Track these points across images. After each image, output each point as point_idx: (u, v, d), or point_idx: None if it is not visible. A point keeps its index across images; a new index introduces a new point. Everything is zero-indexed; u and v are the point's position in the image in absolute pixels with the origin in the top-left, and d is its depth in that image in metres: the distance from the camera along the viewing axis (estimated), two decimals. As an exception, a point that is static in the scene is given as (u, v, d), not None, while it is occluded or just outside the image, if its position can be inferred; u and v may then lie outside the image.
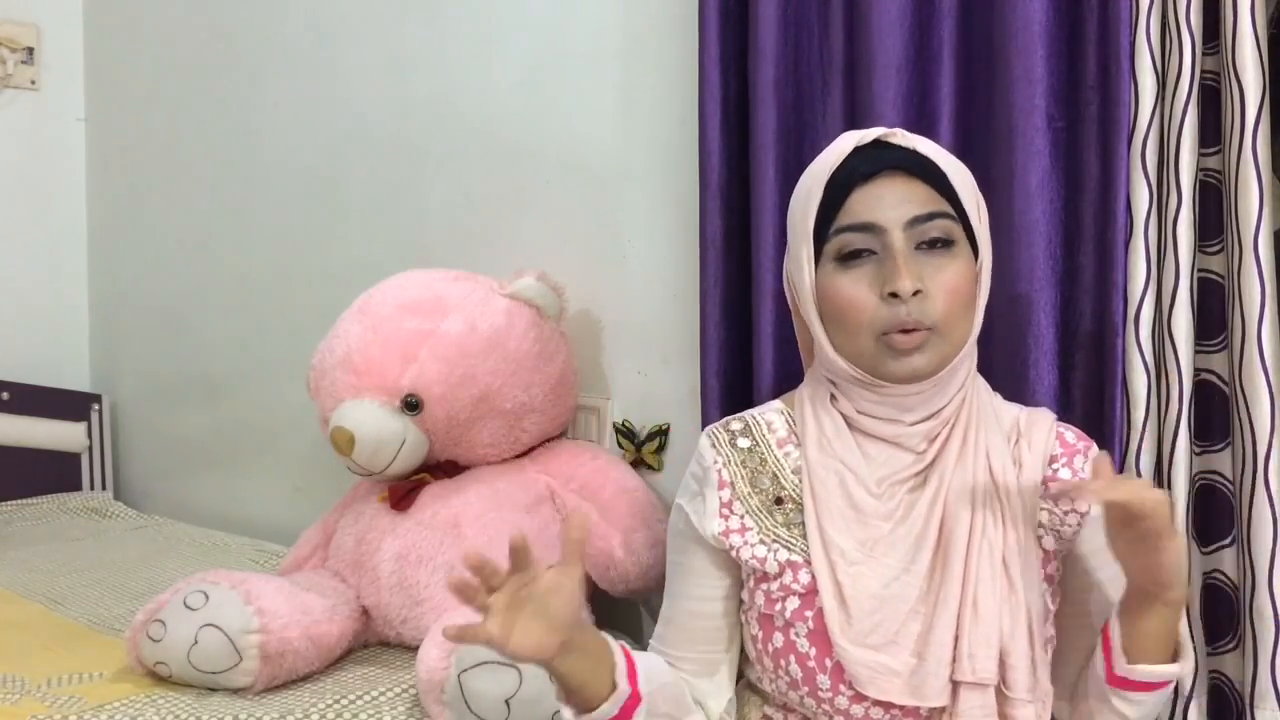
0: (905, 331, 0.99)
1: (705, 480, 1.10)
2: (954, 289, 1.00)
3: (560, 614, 0.93)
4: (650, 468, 1.74)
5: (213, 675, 1.41)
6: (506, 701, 1.28)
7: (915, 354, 1.00)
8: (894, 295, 0.98)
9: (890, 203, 1.00)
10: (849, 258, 1.01)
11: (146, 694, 1.42)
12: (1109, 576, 1.07)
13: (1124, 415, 1.24)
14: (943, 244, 1.01)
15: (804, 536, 1.05)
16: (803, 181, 1.07)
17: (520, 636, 0.91)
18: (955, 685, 0.99)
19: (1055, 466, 1.07)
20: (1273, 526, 1.15)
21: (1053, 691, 1.05)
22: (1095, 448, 1.10)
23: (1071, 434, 1.10)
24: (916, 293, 0.98)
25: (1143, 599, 0.98)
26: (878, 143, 1.04)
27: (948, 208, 1.02)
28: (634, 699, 0.99)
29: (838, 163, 1.03)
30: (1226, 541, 1.24)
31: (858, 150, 1.03)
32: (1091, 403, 1.27)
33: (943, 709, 0.99)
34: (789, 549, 1.05)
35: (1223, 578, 1.24)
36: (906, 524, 1.03)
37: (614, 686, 0.98)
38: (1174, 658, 1.00)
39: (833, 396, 1.08)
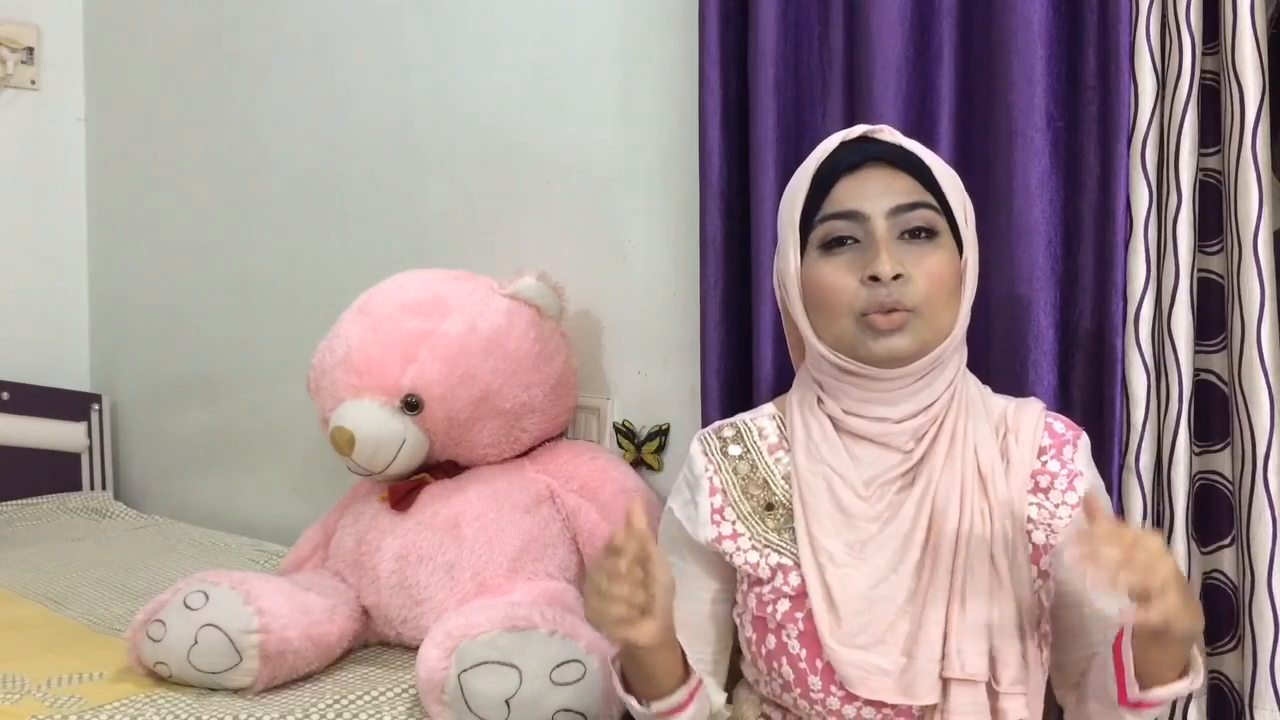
0: (885, 313, 1.00)
1: (697, 487, 1.11)
2: (936, 275, 1.01)
3: (666, 599, 0.96)
4: (650, 468, 1.74)
5: (213, 675, 1.41)
6: (506, 701, 1.28)
7: (895, 335, 1.00)
8: (874, 279, 1.00)
9: (874, 191, 1.02)
10: (833, 245, 1.03)
11: (146, 694, 1.42)
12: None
13: (1124, 415, 1.24)
14: (925, 234, 1.02)
15: (794, 540, 1.05)
16: (791, 180, 1.09)
17: (648, 631, 0.95)
18: (945, 682, 0.99)
19: (1044, 459, 1.07)
20: (1272, 526, 1.15)
21: (1047, 682, 1.05)
22: (1084, 436, 1.10)
23: (1060, 424, 1.10)
24: (897, 276, 0.99)
25: (1154, 636, 0.94)
26: (864, 138, 1.06)
27: (931, 199, 1.03)
28: (699, 685, 1.05)
29: (823, 157, 1.05)
30: (1226, 541, 1.24)
31: (844, 144, 1.05)
32: (1091, 403, 1.27)
33: (934, 706, 1.00)
34: (779, 553, 1.06)
35: (1222, 578, 1.24)
36: (894, 525, 1.03)
37: (686, 671, 1.04)
38: (1185, 671, 0.98)
39: (819, 399, 1.09)
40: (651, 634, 0.94)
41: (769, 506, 1.08)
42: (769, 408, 1.16)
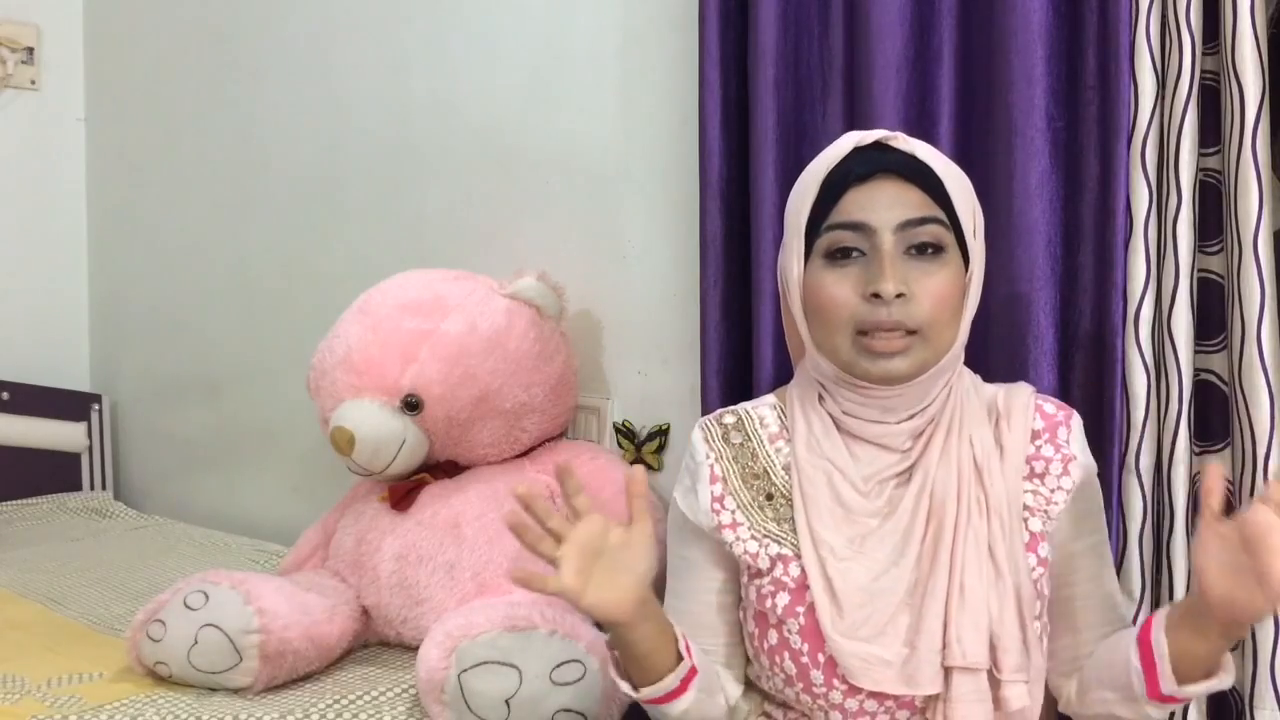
0: (886, 332, 0.99)
1: (698, 475, 1.11)
2: (941, 295, 1.01)
3: (635, 572, 0.96)
4: (650, 468, 1.74)
5: (213, 675, 1.41)
6: (506, 701, 1.28)
7: (896, 358, 1.00)
8: (876, 296, 0.99)
9: (883, 204, 1.01)
10: (837, 256, 1.03)
11: (146, 694, 1.42)
12: (1087, 546, 1.08)
13: (1124, 415, 1.24)
14: (932, 250, 1.02)
15: (794, 530, 1.06)
16: (802, 178, 1.08)
17: (596, 591, 0.94)
18: (948, 672, 0.99)
19: (1038, 443, 1.07)
20: (1272, 526, 1.15)
21: (1045, 669, 1.05)
22: (1076, 416, 1.10)
23: (1051, 405, 1.10)
24: (900, 295, 0.99)
25: (1204, 626, 0.94)
26: (878, 145, 1.05)
27: (940, 214, 1.02)
28: (692, 671, 1.02)
29: (836, 161, 1.04)
30: (1226, 541, 1.23)
31: (857, 151, 1.04)
32: (1091, 403, 1.27)
33: (937, 696, 1.00)
34: (779, 543, 1.06)
35: (1222, 578, 1.24)
36: (893, 519, 1.04)
37: (679, 658, 1.01)
38: (1216, 668, 0.98)
39: (820, 396, 1.09)
40: (568, 586, 0.93)
41: (768, 496, 1.09)
42: (770, 398, 1.16)
